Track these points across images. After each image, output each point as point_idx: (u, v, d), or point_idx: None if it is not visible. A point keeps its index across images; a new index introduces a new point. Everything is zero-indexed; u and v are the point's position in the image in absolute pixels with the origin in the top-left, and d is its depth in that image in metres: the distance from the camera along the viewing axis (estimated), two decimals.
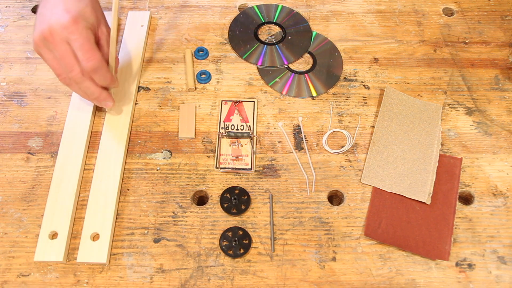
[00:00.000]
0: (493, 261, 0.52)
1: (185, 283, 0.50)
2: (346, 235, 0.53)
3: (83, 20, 0.50)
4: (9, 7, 0.71)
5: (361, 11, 0.71)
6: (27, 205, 0.55)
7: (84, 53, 0.50)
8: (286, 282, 0.51)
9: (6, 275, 0.51)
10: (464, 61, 0.66)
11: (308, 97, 0.63)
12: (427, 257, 0.52)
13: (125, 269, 0.51)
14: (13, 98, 0.62)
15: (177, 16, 0.70)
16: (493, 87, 0.64)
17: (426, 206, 0.55)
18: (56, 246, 0.51)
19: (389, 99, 0.62)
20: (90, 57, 0.50)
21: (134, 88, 0.62)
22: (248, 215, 0.54)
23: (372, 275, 0.51)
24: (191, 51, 0.66)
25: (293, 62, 0.66)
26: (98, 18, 0.54)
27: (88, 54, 0.50)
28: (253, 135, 0.59)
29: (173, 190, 0.56)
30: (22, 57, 0.66)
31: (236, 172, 0.57)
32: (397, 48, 0.68)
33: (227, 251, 0.52)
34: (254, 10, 0.71)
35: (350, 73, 0.65)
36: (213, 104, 0.62)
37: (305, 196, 0.56)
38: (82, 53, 0.50)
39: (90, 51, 0.50)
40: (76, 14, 0.50)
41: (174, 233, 0.53)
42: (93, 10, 0.53)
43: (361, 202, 0.55)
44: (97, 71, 0.51)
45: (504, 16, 0.71)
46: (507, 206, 0.55)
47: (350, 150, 0.59)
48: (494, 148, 0.59)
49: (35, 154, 0.58)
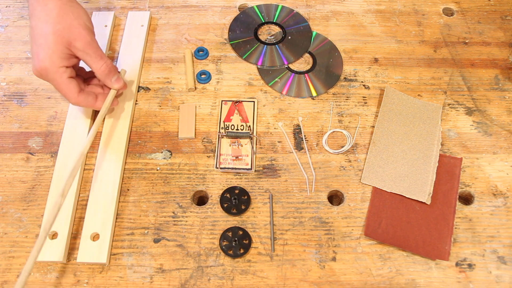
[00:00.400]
0: (493, 261, 0.52)
1: (185, 283, 0.50)
2: (346, 235, 0.53)
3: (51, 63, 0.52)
4: (9, 7, 0.71)
5: (361, 11, 0.71)
6: (27, 205, 0.55)
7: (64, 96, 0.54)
8: (286, 282, 0.51)
9: (6, 275, 0.51)
10: (464, 61, 0.66)
11: (308, 97, 0.63)
12: (427, 257, 0.52)
13: (125, 269, 0.51)
14: (13, 98, 0.63)
15: (177, 16, 0.70)
16: (493, 87, 0.64)
17: (426, 206, 0.55)
18: (56, 246, 0.51)
19: (389, 99, 0.62)
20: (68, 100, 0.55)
21: (134, 88, 0.62)
22: (248, 215, 0.55)
23: (372, 275, 0.51)
24: (191, 51, 0.66)
25: (293, 62, 0.66)
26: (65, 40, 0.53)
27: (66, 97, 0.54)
28: (253, 135, 0.59)
29: (173, 190, 0.56)
30: (22, 57, 0.66)
31: (236, 172, 0.57)
32: (397, 48, 0.68)
33: (227, 251, 0.52)
34: (254, 10, 0.71)
35: (350, 73, 0.65)
36: (213, 104, 0.62)
37: (305, 196, 0.56)
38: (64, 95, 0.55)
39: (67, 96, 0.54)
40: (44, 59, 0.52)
41: (174, 233, 0.53)
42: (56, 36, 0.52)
43: (361, 202, 0.55)
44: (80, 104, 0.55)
45: (504, 16, 0.71)
46: (507, 206, 0.55)
47: (350, 150, 0.59)
48: (494, 148, 0.59)
49: (35, 154, 0.58)
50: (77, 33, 0.53)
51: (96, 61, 0.54)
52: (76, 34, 0.53)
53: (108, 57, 0.57)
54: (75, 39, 0.53)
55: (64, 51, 0.52)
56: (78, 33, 0.53)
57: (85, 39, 0.53)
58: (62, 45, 0.52)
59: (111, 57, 0.66)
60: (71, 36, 0.53)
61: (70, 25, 0.53)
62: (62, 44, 0.52)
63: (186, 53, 0.66)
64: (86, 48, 0.53)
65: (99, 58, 0.54)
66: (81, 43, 0.53)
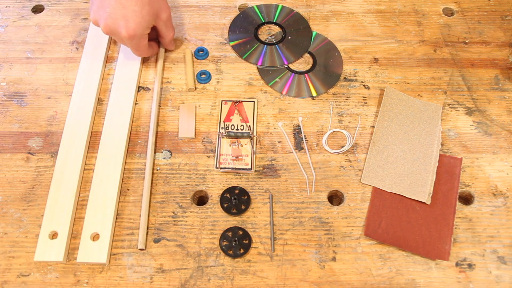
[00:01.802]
0: (493, 261, 0.52)
1: (185, 283, 0.50)
2: (346, 235, 0.53)
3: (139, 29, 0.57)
4: (9, 7, 0.71)
5: (361, 11, 0.71)
6: (27, 205, 0.55)
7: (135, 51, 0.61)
8: (286, 282, 0.51)
9: (6, 275, 0.51)
10: (464, 61, 0.66)
11: (308, 97, 0.63)
12: (427, 257, 0.52)
13: (125, 269, 0.51)
14: (13, 98, 0.63)
15: (177, 16, 0.70)
16: (493, 87, 0.64)
17: (426, 206, 0.55)
18: (56, 246, 0.51)
19: (389, 99, 0.62)
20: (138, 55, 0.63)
21: (134, 88, 0.62)
22: (248, 215, 0.55)
23: (372, 275, 0.51)
24: (191, 51, 0.66)
25: (293, 62, 0.66)
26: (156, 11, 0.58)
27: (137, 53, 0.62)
28: (253, 135, 0.59)
29: (173, 190, 0.56)
30: (22, 57, 0.66)
31: (236, 172, 0.57)
32: (397, 48, 0.68)
33: (227, 251, 0.52)
34: (254, 10, 0.71)
35: (350, 73, 0.65)
36: (213, 104, 0.62)
37: (305, 196, 0.56)
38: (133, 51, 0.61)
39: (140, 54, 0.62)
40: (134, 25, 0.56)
41: (174, 233, 0.53)
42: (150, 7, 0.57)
43: (361, 202, 0.55)
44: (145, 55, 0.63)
45: (504, 16, 0.71)
46: (507, 206, 0.55)
47: (350, 150, 0.59)
48: (494, 148, 0.59)
49: (35, 154, 0.58)
50: (164, 5, 0.60)
51: (170, 31, 0.62)
52: (163, 6, 0.59)
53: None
54: (162, 11, 0.59)
55: (151, 21, 0.58)
56: (164, 5, 0.60)
57: (169, 11, 0.60)
58: (152, 15, 0.57)
59: (111, 57, 0.66)
60: (159, 8, 0.59)
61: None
62: (153, 14, 0.58)
63: (186, 53, 0.66)
64: (168, 19, 0.61)
65: (172, 29, 0.63)
66: (166, 14, 0.60)
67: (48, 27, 0.69)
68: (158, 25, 0.60)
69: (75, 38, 0.68)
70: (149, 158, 0.57)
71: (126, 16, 0.55)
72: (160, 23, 0.60)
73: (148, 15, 0.56)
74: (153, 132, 0.59)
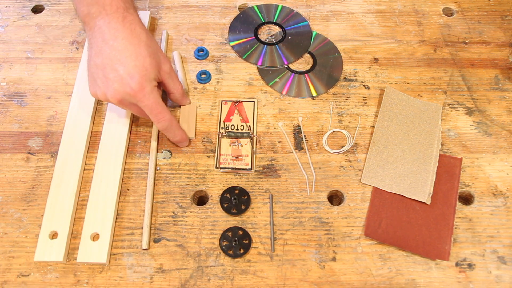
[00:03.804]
0: (493, 261, 0.52)
1: (185, 283, 0.50)
2: (346, 235, 0.53)
3: (147, 81, 0.52)
4: (9, 7, 0.71)
5: (361, 11, 0.71)
6: (27, 205, 0.55)
7: (154, 116, 0.53)
8: (286, 282, 0.51)
9: (6, 275, 0.51)
10: (464, 61, 0.66)
11: (308, 97, 0.63)
12: (427, 257, 0.52)
13: (125, 269, 0.51)
14: (13, 98, 0.63)
15: (177, 16, 0.70)
16: (493, 87, 0.64)
17: (426, 206, 0.55)
18: (56, 246, 0.51)
19: (389, 99, 0.62)
20: (160, 119, 0.54)
21: None
22: (248, 215, 0.55)
23: (372, 275, 0.51)
24: (179, 52, 0.66)
25: (293, 62, 0.66)
26: (157, 63, 0.54)
27: (158, 116, 0.53)
28: (253, 135, 0.59)
29: (173, 190, 0.56)
30: (22, 57, 0.66)
31: (236, 172, 0.57)
32: (397, 48, 0.68)
33: (227, 251, 0.52)
34: (254, 10, 0.71)
35: (350, 73, 0.65)
36: (213, 104, 0.62)
37: (305, 196, 0.56)
38: (153, 116, 0.53)
39: (160, 114, 0.53)
40: (140, 78, 0.51)
41: (174, 233, 0.53)
42: (152, 59, 0.53)
43: (361, 202, 0.55)
44: (168, 130, 0.55)
45: (504, 16, 0.71)
46: (507, 206, 0.55)
47: (350, 150, 0.59)
48: (494, 148, 0.59)
49: (35, 154, 0.58)
50: (163, 57, 0.56)
51: (177, 82, 0.58)
52: (163, 58, 0.56)
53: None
54: (163, 62, 0.55)
55: (155, 73, 0.53)
56: (163, 57, 0.56)
57: (169, 63, 0.57)
58: (156, 67, 0.53)
59: None
60: (160, 60, 0.55)
61: (157, 49, 0.56)
62: (156, 66, 0.54)
63: (175, 56, 0.65)
64: (171, 70, 0.56)
65: (177, 80, 0.58)
66: (167, 66, 0.56)
67: (48, 27, 0.69)
68: (163, 78, 0.56)
69: (75, 38, 0.68)
70: (152, 158, 0.57)
71: (130, 73, 0.51)
72: (165, 75, 0.56)
73: (151, 66, 0.53)
74: (156, 133, 0.59)
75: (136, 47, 0.52)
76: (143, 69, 0.52)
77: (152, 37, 0.56)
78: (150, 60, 0.53)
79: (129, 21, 0.53)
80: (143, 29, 0.55)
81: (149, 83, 0.52)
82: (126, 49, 0.52)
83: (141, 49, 0.52)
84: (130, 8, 0.55)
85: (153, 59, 0.53)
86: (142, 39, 0.53)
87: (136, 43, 0.52)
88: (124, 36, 0.52)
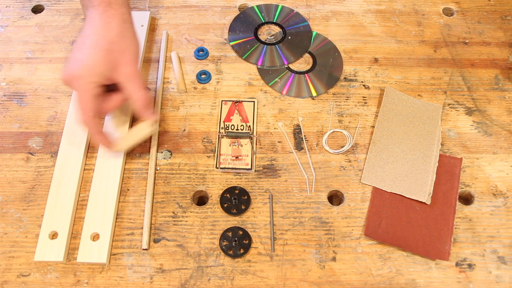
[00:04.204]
0: (493, 261, 0.52)
1: (185, 283, 0.50)
2: (346, 235, 0.53)
3: (85, 73, 0.51)
4: (9, 7, 0.71)
5: (361, 11, 0.71)
6: (27, 205, 0.55)
7: (77, 110, 0.52)
8: (286, 282, 0.51)
9: (6, 275, 0.51)
10: (464, 61, 0.66)
11: (308, 97, 0.63)
12: (427, 257, 0.52)
13: (125, 269, 0.51)
14: (13, 98, 0.63)
15: (177, 16, 0.70)
16: (493, 87, 0.64)
17: (426, 206, 0.55)
18: (56, 246, 0.51)
19: (389, 99, 0.62)
20: (77, 116, 0.52)
21: None
22: (248, 215, 0.54)
23: (372, 275, 0.51)
24: (176, 52, 0.66)
25: (293, 62, 0.66)
26: (113, 61, 0.52)
27: (78, 111, 0.52)
28: (253, 135, 0.59)
29: (173, 190, 0.56)
30: (22, 57, 0.66)
31: (236, 172, 0.57)
32: (397, 48, 0.68)
33: (227, 251, 0.52)
34: (254, 10, 0.71)
35: (350, 73, 0.65)
36: (213, 104, 0.62)
37: (305, 196, 0.56)
38: (76, 109, 0.52)
39: (78, 111, 0.52)
40: (79, 68, 0.51)
41: (174, 233, 0.53)
42: (107, 55, 0.52)
43: (361, 202, 0.55)
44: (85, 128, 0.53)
45: (504, 16, 0.71)
46: (507, 206, 0.55)
47: (350, 150, 0.59)
48: (494, 148, 0.59)
49: (35, 154, 0.58)
50: (128, 59, 0.53)
51: (137, 91, 0.53)
52: (127, 60, 0.53)
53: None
54: (124, 64, 0.53)
55: (105, 71, 0.52)
56: (128, 59, 0.53)
57: (133, 67, 0.53)
58: (107, 64, 0.52)
59: None
60: (121, 60, 0.52)
61: (124, 49, 0.53)
62: (108, 63, 0.52)
63: (173, 56, 0.65)
64: (131, 75, 0.53)
65: (141, 88, 0.54)
66: (129, 69, 0.53)
67: (48, 27, 0.69)
68: (120, 80, 0.53)
69: (75, 38, 0.68)
70: (152, 158, 0.57)
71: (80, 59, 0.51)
72: (121, 78, 0.53)
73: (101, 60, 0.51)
74: (156, 133, 0.59)
75: (98, 39, 0.52)
76: (89, 60, 0.51)
77: (128, 36, 0.54)
78: (104, 55, 0.51)
79: (108, 15, 0.53)
80: (119, 25, 0.53)
81: (88, 77, 0.51)
82: (88, 38, 0.52)
83: (102, 42, 0.52)
84: (114, 3, 0.54)
85: (108, 55, 0.51)
86: (110, 33, 0.52)
87: (102, 35, 0.52)
88: (95, 26, 0.53)
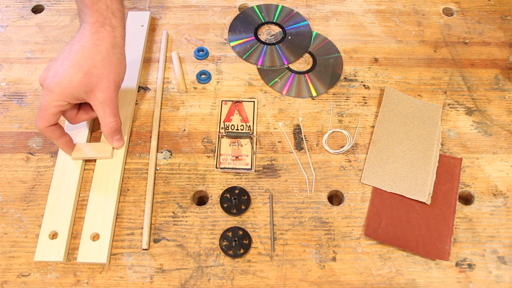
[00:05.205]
0: (493, 261, 0.52)
1: (185, 283, 0.50)
2: (346, 235, 0.53)
3: (60, 92, 0.50)
4: (9, 7, 0.71)
5: (361, 11, 0.71)
6: (27, 205, 0.55)
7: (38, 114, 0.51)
8: (286, 282, 0.51)
9: (6, 275, 0.51)
10: (464, 61, 0.66)
11: (308, 97, 0.63)
12: (427, 257, 0.52)
13: (125, 269, 0.51)
14: (13, 98, 0.63)
15: (177, 16, 0.70)
16: (493, 87, 0.64)
17: (426, 206, 0.55)
18: (56, 246, 0.51)
19: (389, 99, 0.62)
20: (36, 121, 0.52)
21: (134, 88, 0.62)
22: (248, 215, 0.54)
23: (372, 275, 0.51)
24: (177, 52, 0.66)
25: (293, 62, 0.66)
26: (88, 85, 0.51)
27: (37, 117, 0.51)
28: (253, 135, 0.59)
29: (173, 190, 0.56)
30: (22, 57, 0.66)
31: (236, 172, 0.57)
32: (397, 48, 0.68)
33: (227, 251, 0.52)
34: (254, 10, 0.71)
35: (350, 73, 0.65)
36: (213, 104, 0.62)
37: (305, 196, 0.56)
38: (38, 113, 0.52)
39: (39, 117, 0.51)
40: (57, 84, 0.50)
41: (174, 233, 0.53)
42: (84, 77, 0.51)
43: (361, 202, 0.55)
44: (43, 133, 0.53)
45: (504, 16, 0.71)
46: (507, 206, 0.55)
47: (350, 150, 0.59)
48: (494, 148, 0.59)
49: (35, 154, 0.58)
50: (105, 86, 0.52)
51: (108, 117, 0.53)
52: (104, 86, 0.52)
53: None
54: (100, 90, 0.52)
55: (79, 93, 0.51)
56: (105, 86, 0.52)
57: (109, 95, 0.53)
58: (83, 87, 0.51)
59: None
60: (98, 86, 0.52)
61: (104, 75, 0.52)
62: (85, 87, 0.51)
63: (173, 56, 0.65)
64: (105, 102, 0.53)
65: (112, 116, 0.54)
66: (104, 96, 0.52)
67: (48, 27, 0.69)
68: (92, 104, 0.53)
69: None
70: (152, 158, 0.57)
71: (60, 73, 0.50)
72: (94, 102, 0.52)
73: (77, 83, 0.50)
74: (156, 133, 0.59)
75: (82, 61, 0.51)
76: (66, 79, 0.50)
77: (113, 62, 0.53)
78: (82, 78, 0.51)
79: (99, 37, 0.53)
80: (107, 49, 0.53)
81: (59, 95, 0.50)
82: (74, 55, 0.51)
83: (84, 65, 0.51)
84: (108, 25, 0.54)
85: (87, 79, 0.51)
86: (95, 57, 0.52)
87: (87, 57, 0.51)
88: (83, 45, 0.52)
